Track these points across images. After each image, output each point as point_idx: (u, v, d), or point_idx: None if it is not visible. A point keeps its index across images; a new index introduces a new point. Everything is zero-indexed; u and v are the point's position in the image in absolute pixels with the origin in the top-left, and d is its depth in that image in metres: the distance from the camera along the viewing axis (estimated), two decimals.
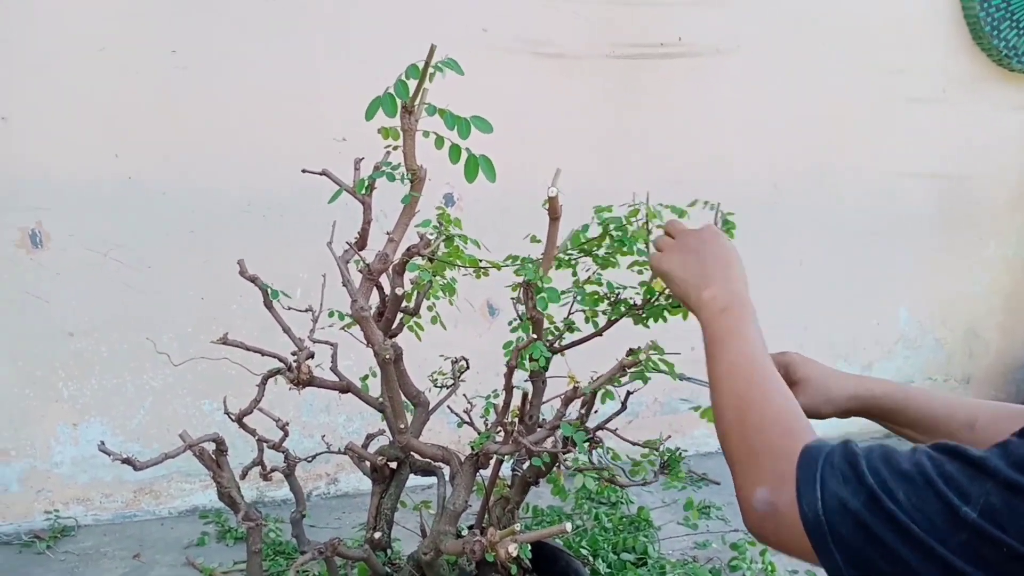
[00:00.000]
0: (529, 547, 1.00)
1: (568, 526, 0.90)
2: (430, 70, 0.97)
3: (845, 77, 2.60)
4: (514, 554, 0.91)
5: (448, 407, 1.45)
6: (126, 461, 0.99)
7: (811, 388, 1.13)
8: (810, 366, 1.16)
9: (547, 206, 1.09)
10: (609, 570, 1.88)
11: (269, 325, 1.30)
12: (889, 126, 2.68)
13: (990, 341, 2.99)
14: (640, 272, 1.24)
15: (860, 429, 2.84)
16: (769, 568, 1.95)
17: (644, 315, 1.19)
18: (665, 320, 1.19)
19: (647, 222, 1.21)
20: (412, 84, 0.98)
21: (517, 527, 0.92)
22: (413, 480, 1.45)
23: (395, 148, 1.06)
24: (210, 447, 1.12)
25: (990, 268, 2.90)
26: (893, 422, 1.15)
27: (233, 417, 1.26)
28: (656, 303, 1.20)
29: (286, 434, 1.26)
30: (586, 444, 1.12)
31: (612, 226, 1.21)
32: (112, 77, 2.04)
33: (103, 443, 1.02)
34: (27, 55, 1.98)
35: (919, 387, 1.20)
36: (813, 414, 1.15)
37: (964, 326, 2.93)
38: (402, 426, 1.18)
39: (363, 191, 1.14)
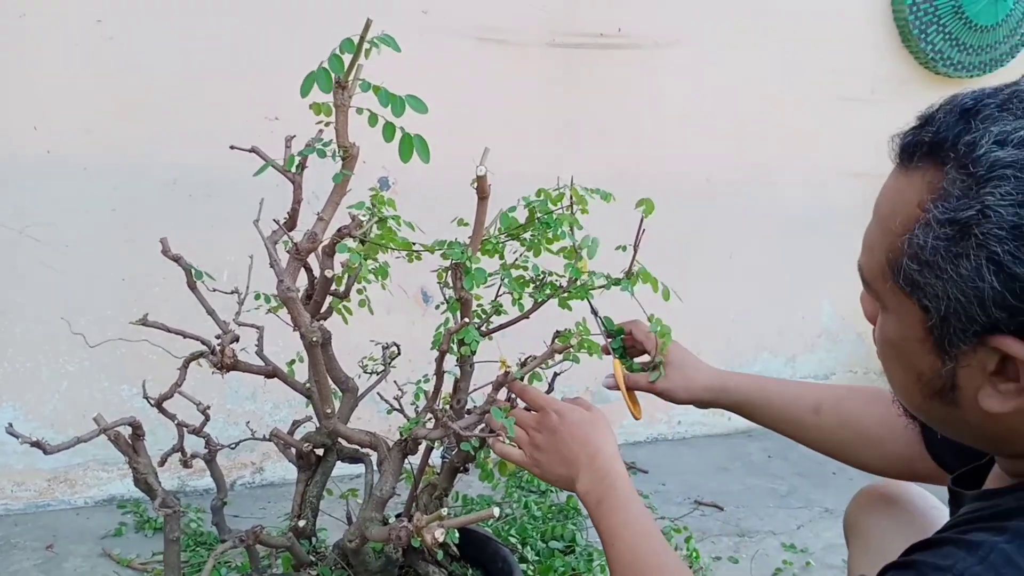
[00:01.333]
0: (457, 533, 0.98)
1: (496, 511, 0.89)
2: (365, 45, 0.94)
3: (781, 74, 2.66)
4: (440, 539, 0.90)
5: (378, 393, 1.43)
6: (35, 444, 0.94)
7: (674, 373, 1.22)
8: (677, 352, 1.23)
9: (475, 185, 1.08)
10: (537, 558, 1.88)
11: (192, 309, 1.26)
12: (820, 124, 2.75)
13: None
14: (567, 258, 1.25)
15: None
16: (694, 554, 1.98)
17: (568, 297, 1.19)
18: (591, 298, 1.20)
19: (572, 205, 1.21)
20: (347, 59, 0.96)
21: (444, 511, 0.90)
22: (340, 470, 1.43)
23: (328, 124, 1.04)
24: (126, 431, 1.07)
25: None
26: (746, 414, 1.24)
27: (152, 401, 1.21)
28: (580, 285, 1.20)
29: (207, 418, 1.23)
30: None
31: (539, 210, 1.20)
32: (33, 45, 1.95)
33: (11, 425, 0.97)
34: None
35: (774, 379, 1.26)
36: (669, 397, 1.24)
37: None
38: (329, 411, 1.16)
39: (293, 169, 1.11)
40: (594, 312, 1.29)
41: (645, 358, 1.29)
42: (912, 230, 0.62)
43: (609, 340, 1.29)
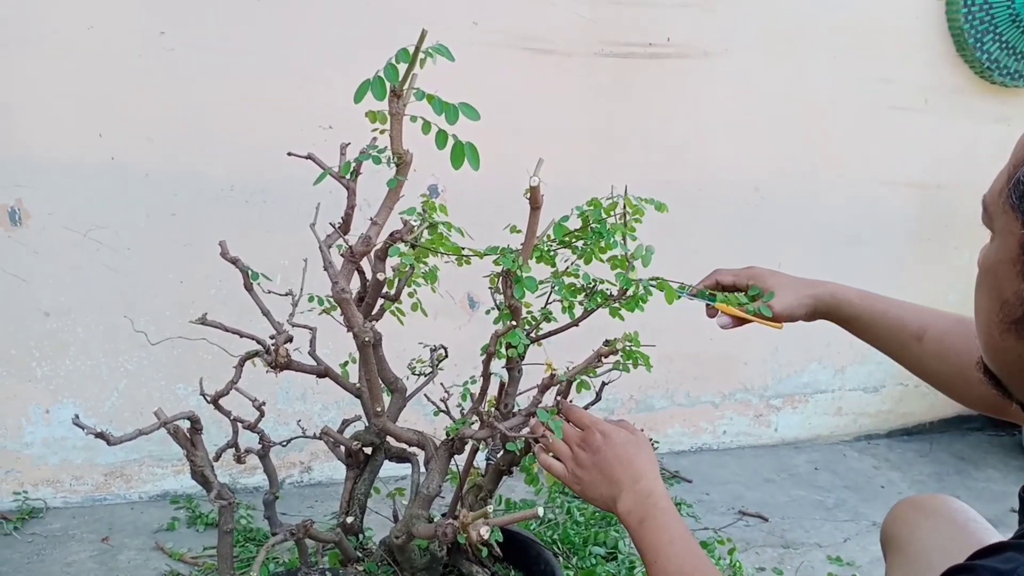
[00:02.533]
0: (500, 532, 1.00)
1: (540, 510, 0.91)
2: (420, 55, 0.97)
3: (830, 84, 2.63)
4: (486, 536, 0.92)
5: (425, 395, 1.46)
6: (99, 435, 0.99)
7: (784, 293, 1.23)
8: (777, 275, 1.25)
9: (528, 195, 1.10)
10: (579, 563, 1.89)
11: (247, 310, 1.30)
12: (871, 134, 2.71)
13: None
14: (615, 267, 1.26)
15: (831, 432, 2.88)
16: (737, 566, 1.97)
17: (619, 306, 1.21)
18: (642, 310, 1.21)
19: (625, 214, 1.23)
20: (402, 68, 0.99)
21: (489, 509, 0.92)
22: (386, 471, 1.46)
23: (382, 132, 1.07)
24: (184, 425, 1.11)
25: (966, 278, 2.94)
26: (851, 328, 1.25)
27: (208, 399, 1.25)
28: (632, 296, 1.21)
29: (262, 414, 1.26)
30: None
31: (592, 219, 1.22)
32: (99, 56, 2.03)
33: (77, 416, 1.02)
34: (13, 31, 1.96)
35: (881, 296, 1.25)
36: (787, 317, 1.25)
37: None
38: (379, 409, 1.19)
39: (348, 175, 1.14)
40: (683, 290, 1.30)
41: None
42: None
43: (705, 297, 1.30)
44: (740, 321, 1.28)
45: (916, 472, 2.71)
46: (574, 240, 1.24)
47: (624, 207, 1.22)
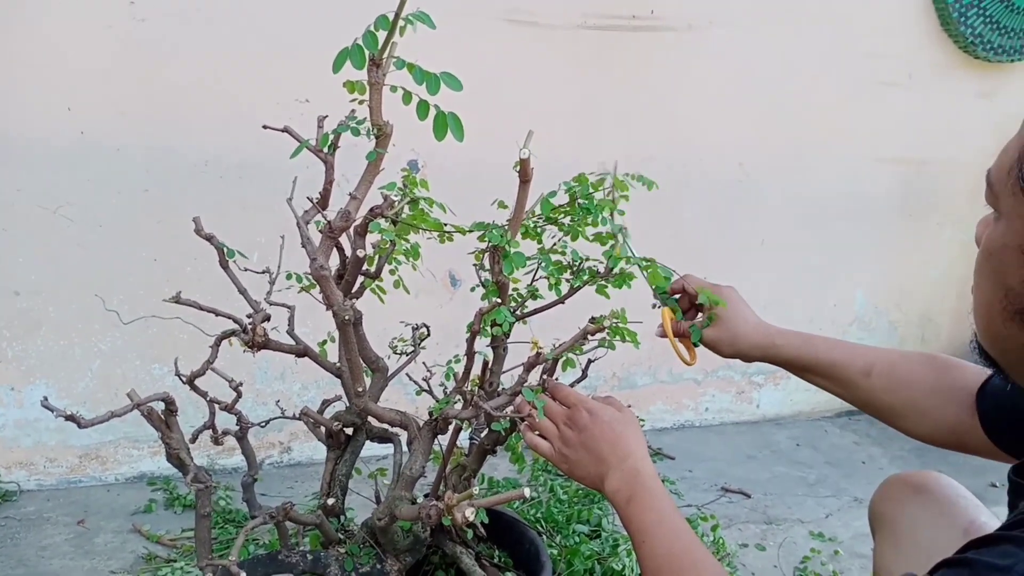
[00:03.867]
0: (485, 513, 0.98)
1: (527, 491, 0.89)
2: (400, 22, 0.93)
3: (815, 58, 2.61)
4: (471, 518, 0.90)
5: (407, 374, 1.43)
6: (69, 418, 0.95)
7: (722, 328, 1.23)
8: (734, 307, 1.25)
9: (518, 168, 1.07)
10: (563, 541, 1.88)
11: (224, 289, 1.26)
12: (856, 109, 2.70)
13: (942, 326, 3.05)
14: (604, 244, 1.24)
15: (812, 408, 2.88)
16: (720, 542, 1.97)
17: (607, 284, 1.18)
18: (629, 287, 1.19)
19: (613, 191, 1.20)
20: (381, 37, 0.95)
21: (475, 490, 0.90)
22: (367, 451, 1.43)
23: (361, 103, 1.03)
24: (159, 407, 1.08)
25: (946, 254, 2.95)
26: (794, 369, 1.24)
27: (184, 379, 1.22)
28: (618, 273, 1.19)
29: (239, 395, 1.23)
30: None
31: (579, 195, 1.19)
32: (67, 28, 1.96)
33: (46, 398, 0.98)
34: None
35: (823, 336, 1.24)
36: (715, 349, 1.26)
37: (918, 310, 2.98)
38: (360, 389, 1.16)
39: (326, 148, 1.11)
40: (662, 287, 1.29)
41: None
42: None
43: (661, 295, 1.29)
44: (663, 335, 1.30)
45: (897, 448, 2.72)
46: (561, 216, 1.21)
47: (612, 184, 1.19)
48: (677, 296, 1.32)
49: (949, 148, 2.81)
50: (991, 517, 1.10)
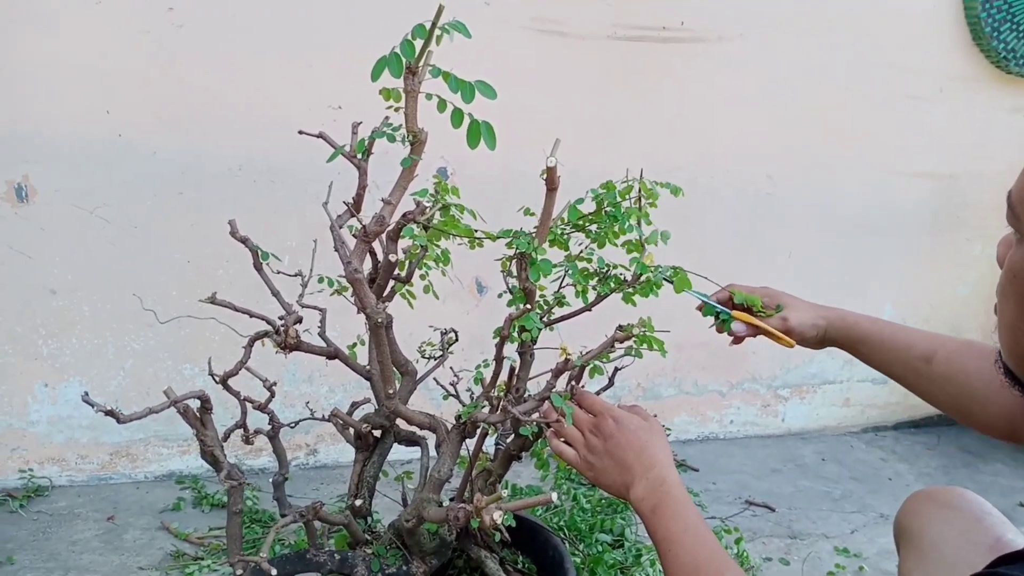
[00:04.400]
0: (513, 518, 0.99)
1: (554, 496, 0.90)
2: (436, 31, 0.95)
3: (845, 70, 2.60)
4: (499, 521, 0.91)
5: (435, 379, 1.45)
6: (109, 413, 0.97)
7: (799, 310, 1.23)
8: (791, 296, 1.26)
9: (544, 176, 1.08)
10: (586, 550, 1.88)
11: (255, 291, 1.28)
12: (886, 122, 2.68)
13: None
14: (630, 251, 1.25)
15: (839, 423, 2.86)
16: (744, 556, 1.96)
17: (633, 292, 1.19)
18: (656, 295, 1.19)
19: (640, 199, 1.21)
20: (417, 45, 0.97)
21: (504, 493, 0.91)
22: (393, 455, 1.45)
23: (396, 110, 1.05)
24: (195, 404, 1.10)
25: (976, 269, 2.92)
26: (860, 351, 1.25)
27: (217, 379, 1.24)
28: (646, 280, 1.20)
29: (272, 394, 1.25)
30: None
31: (606, 203, 1.20)
32: (107, 32, 2.01)
33: (87, 393, 1.01)
34: (21, 5, 1.94)
35: (887, 321, 1.26)
36: (799, 335, 1.26)
37: (947, 325, 2.95)
38: (390, 391, 1.18)
39: (361, 153, 1.13)
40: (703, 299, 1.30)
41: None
42: None
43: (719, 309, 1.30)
44: (754, 331, 1.29)
45: (923, 465, 2.69)
46: (588, 224, 1.22)
47: (639, 191, 1.20)
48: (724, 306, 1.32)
49: (980, 163, 2.79)
50: (1018, 535, 1.10)
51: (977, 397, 1.11)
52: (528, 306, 1.10)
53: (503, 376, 1.24)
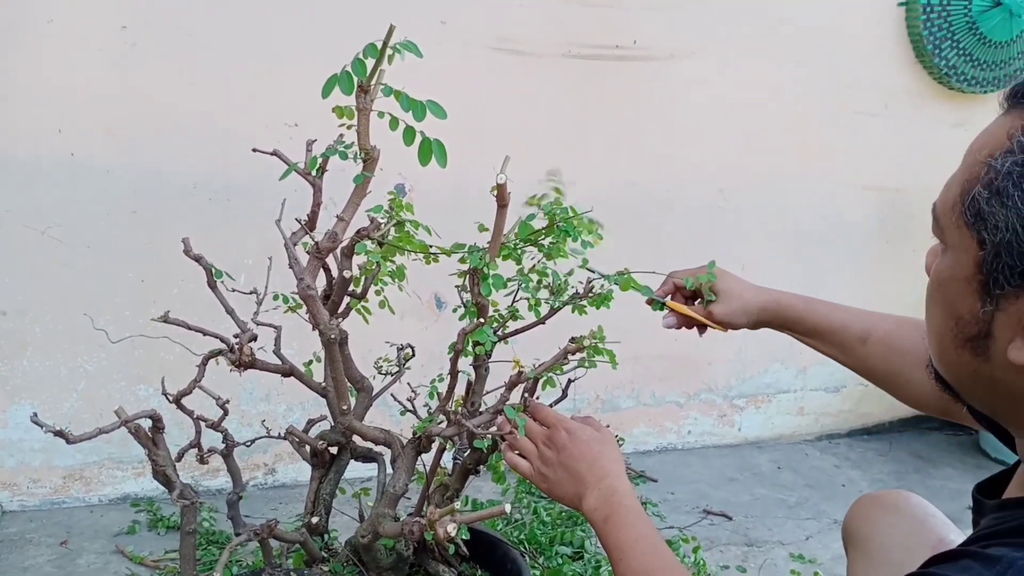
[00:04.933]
0: (468, 531, 1.00)
1: (508, 507, 0.91)
2: (388, 51, 0.97)
3: (795, 87, 2.67)
4: (453, 534, 0.91)
5: (391, 394, 1.45)
6: (58, 433, 0.97)
7: (729, 300, 1.26)
8: (726, 279, 1.27)
9: (495, 193, 1.10)
10: (546, 563, 1.89)
11: (210, 310, 1.28)
12: (834, 137, 2.76)
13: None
14: (582, 266, 1.27)
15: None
16: (701, 564, 1.98)
17: (585, 304, 1.21)
18: (608, 307, 1.21)
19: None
20: (369, 64, 0.98)
21: (457, 505, 0.92)
22: (351, 472, 1.45)
23: (349, 127, 1.06)
24: (146, 424, 1.10)
25: (923, 279, 2.98)
26: (796, 332, 1.28)
27: (171, 398, 1.24)
28: (597, 294, 1.22)
29: (225, 412, 1.25)
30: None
31: (559, 218, 1.23)
32: (59, 50, 1.99)
33: (36, 414, 1.00)
34: None
35: (826, 302, 1.28)
36: (729, 324, 1.28)
37: None
38: (345, 408, 1.18)
39: (315, 170, 1.14)
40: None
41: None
42: (994, 156, 0.62)
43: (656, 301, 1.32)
44: (687, 321, 1.31)
45: (876, 471, 2.75)
46: (540, 238, 1.24)
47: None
48: (669, 296, 1.34)
49: (925, 176, 2.86)
50: (960, 535, 1.13)
51: (911, 376, 1.14)
52: (481, 320, 1.11)
53: (459, 390, 1.25)
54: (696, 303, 1.32)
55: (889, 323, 1.20)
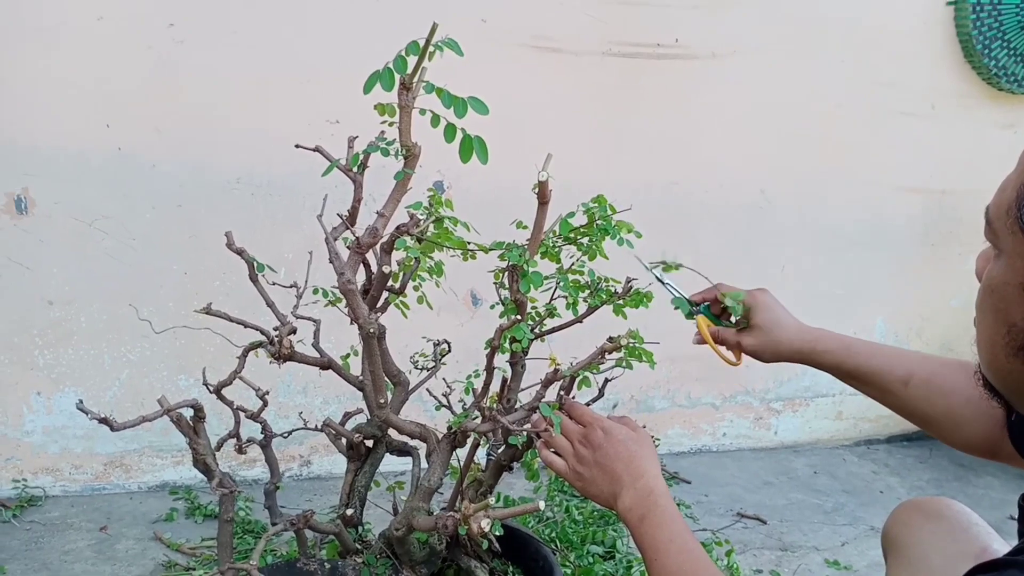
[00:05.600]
0: (501, 527, 1.00)
1: (541, 504, 0.91)
2: (430, 48, 0.98)
3: (838, 87, 2.63)
4: (487, 529, 0.92)
5: (427, 390, 1.46)
6: (103, 421, 0.99)
7: (761, 335, 1.25)
8: (772, 313, 1.24)
9: (536, 190, 1.10)
10: (577, 561, 1.89)
11: (251, 303, 1.30)
12: (878, 138, 2.71)
13: (963, 355, 3.01)
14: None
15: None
16: (735, 567, 1.97)
17: (623, 304, 1.21)
18: (647, 307, 1.21)
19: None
20: (411, 61, 0.99)
21: (491, 500, 0.93)
22: (385, 467, 1.46)
23: (391, 124, 1.07)
24: (188, 413, 1.12)
25: (968, 283, 2.92)
26: (835, 374, 1.24)
27: (211, 388, 1.26)
28: (636, 293, 1.22)
29: (265, 404, 1.27)
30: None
31: (598, 216, 1.22)
32: (108, 47, 2.03)
33: (81, 401, 1.02)
34: (24, 20, 1.97)
35: (864, 341, 1.24)
36: (757, 358, 1.27)
37: (939, 340, 2.97)
38: (382, 401, 1.19)
39: (356, 166, 1.15)
40: (661, 282, 1.31)
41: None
42: None
43: (695, 307, 1.31)
44: (704, 342, 1.31)
45: (915, 478, 2.70)
46: (579, 236, 1.24)
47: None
48: (707, 303, 1.33)
49: (971, 178, 2.81)
50: (1004, 544, 1.11)
51: (955, 418, 1.12)
52: (519, 316, 1.12)
53: (494, 387, 1.25)
54: (731, 321, 1.30)
55: (933, 365, 1.17)
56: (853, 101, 2.66)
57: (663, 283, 1.34)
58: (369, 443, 1.37)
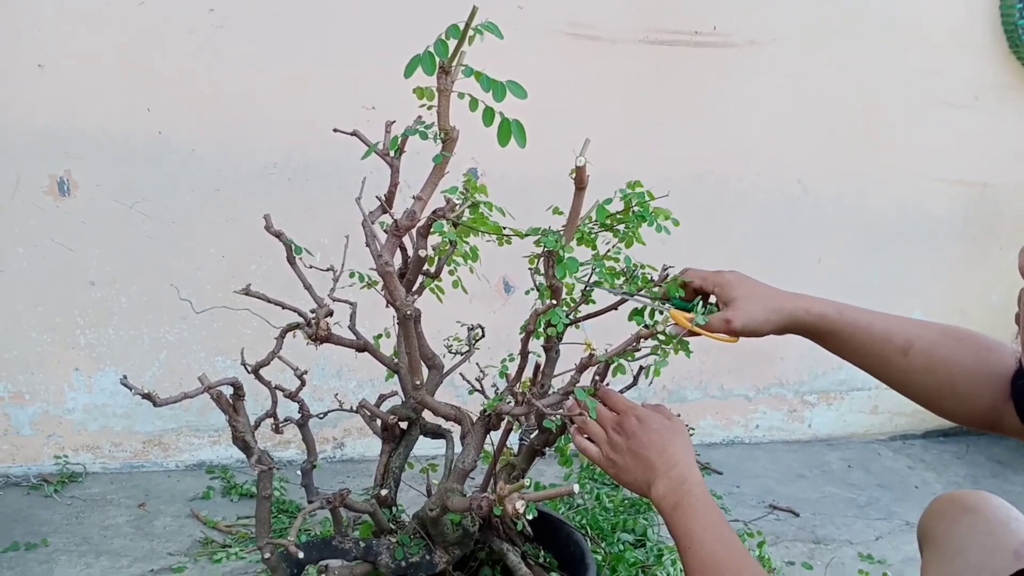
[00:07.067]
0: (536, 509, 1.01)
1: (575, 487, 0.92)
2: (469, 32, 0.98)
3: (879, 76, 2.59)
4: (521, 510, 0.93)
5: (460, 374, 1.47)
6: (146, 396, 1.01)
7: (749, 305, 1.12)
8: (747, 285, 1.15)
9: (573, 175, 1.10)
10: (608, 548, 1.90)
11: (288, 286, 1.31)
12: (919, 129, 2.67)
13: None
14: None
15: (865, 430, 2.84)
16: (766, 559, 1.96)
17: (660, 291, 1.20)
18: (683, 294, 1.20)
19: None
20: (451, 45, 1.00)
21: (526, 482, 0.93)
22: (419, 450, 1.47)
23: (429, 108, 1.08)
24: (228, 391, 1.14)
25: (1008, 278, 2.88)
26: (829, 344, 1.15)
27: (249, 368, 1.27)
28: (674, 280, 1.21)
29: (303, 383, 1.28)
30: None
31: (634, 202, 1.22)
32: (150, 31, 2.06)
33: (125, 377, 1.04)
34: (65, 4, 2.00)
35: (860, 308, 1.15)
36: (751, 332, 1.13)
37: None
38: (417, 382, 1.20)
39: (394, 151, 1.15)
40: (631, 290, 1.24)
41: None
42: None
43: (664, 303, 1.24)
44: (691, 332, 1.18)
45: (952, 474, 2.67)
46: (616, 223, 1.24)
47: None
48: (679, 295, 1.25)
49: (1014, 172, 2.76)
50: None
51: (956, 389, 1.07)
52: (554, 301, 1.12)
53: (528, 371, 1.26)
54: (708, 307, 1.21)
55: (934, 333, 1.10)
56: (894, 91, 2.62)
57: (633, 297, 1.26)
58: (403, 425, 1.38)
